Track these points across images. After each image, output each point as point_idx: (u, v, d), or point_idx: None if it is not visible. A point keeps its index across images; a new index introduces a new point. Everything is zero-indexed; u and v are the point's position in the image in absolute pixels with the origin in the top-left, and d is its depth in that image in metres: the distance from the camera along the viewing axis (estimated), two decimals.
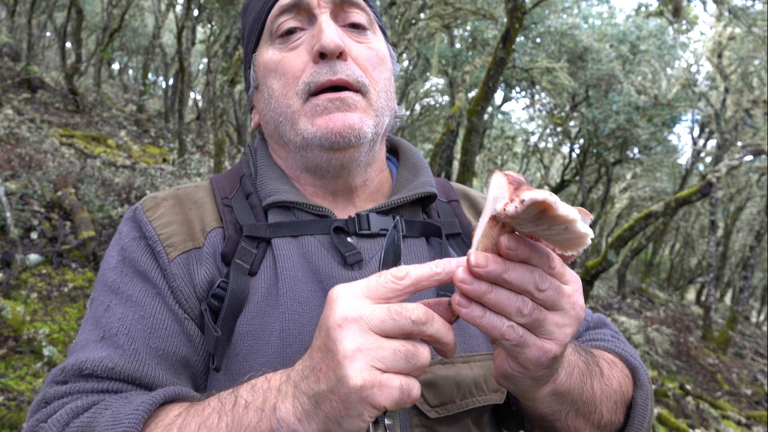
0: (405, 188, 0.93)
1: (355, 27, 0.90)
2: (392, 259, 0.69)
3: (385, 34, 0.97)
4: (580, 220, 0.52)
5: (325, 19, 0.86)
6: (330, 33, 0.83)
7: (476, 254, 0.56)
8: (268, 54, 0.90)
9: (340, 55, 0.84)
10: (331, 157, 0.86)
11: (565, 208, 0.51)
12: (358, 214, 0.88)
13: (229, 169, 0.99)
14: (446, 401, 0.79)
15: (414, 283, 0.57)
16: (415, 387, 0.56)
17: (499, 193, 0.54)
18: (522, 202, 0.50)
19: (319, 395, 0.56)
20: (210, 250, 0.84)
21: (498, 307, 0.56)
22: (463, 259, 0.57)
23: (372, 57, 0.89)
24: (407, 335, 0.56)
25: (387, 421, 0.60)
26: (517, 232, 0.57)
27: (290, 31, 0.89)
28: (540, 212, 0.51)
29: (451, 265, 0.58)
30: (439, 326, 0.57)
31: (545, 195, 0.49)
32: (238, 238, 0.85)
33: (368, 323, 0.55)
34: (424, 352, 0.57)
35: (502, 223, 0.56)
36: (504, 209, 0.51)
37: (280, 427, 0.58)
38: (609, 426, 0.80)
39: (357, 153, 0.87)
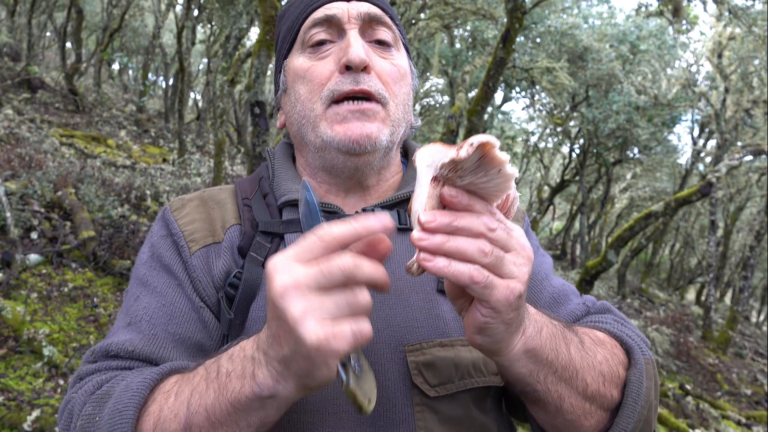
0: (409, 185, 1.00)
1: (381, 43, 0.97)
2: (312, 219, 0.73)
3: (408, 51, 1.04)
4: (509, 161, 0.60)
5: (353, 34, 0.92)
6: (357, 47, 0.90)
7: (424, 213, 0.61)
8: (299, 61, 0.97)
9: (365, 68, 0.91)
10: (347, 159, 0.93)
11: (500, 151, 0.59)
12: (363, 209, 0.96)
13: (252, 174, 1.10)
14: (445, 381, 0.84)
15: (337, 239, 0.61)
16: (365, 326, 0.61)
17: (434, 158, 0.61)
18: (471, 145, 0.57)
19: (286, 358, 0.62)
20: (228, 244, 0.93)
21: (460, 252, 0.61)
22: (382, 215, 0.62)
23: (394, 72, 0.95)
24: (343, 284, 0.61)
25: (357, 367, 0.66)
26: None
27: (320, 42, 0.95)
28: (481, 156, 0.59)
29: (369, 222, 0.62)
30: (369, 269, 0.61)
31: (488, 136, 0.58)
32: (254, 233, 0.94)
33: (306, 285, 0.60)
34: (363, 294, 0.61)
35: (442, 182, 0.63)
36: (457, 154, 0.58)
37: (261, 391, 0.65)
38: (599, 398, 0.80)
39: (372, 158, 0.94)
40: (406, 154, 1.11)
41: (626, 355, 0.86)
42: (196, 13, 13.18)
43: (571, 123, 15.69)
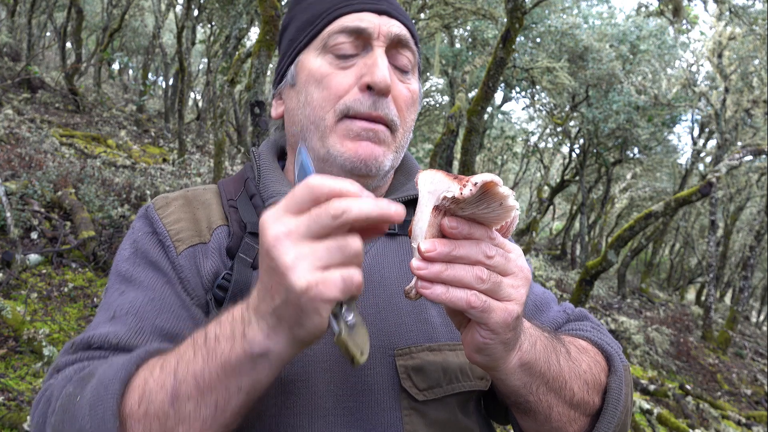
0: (398, 190, 1.01)
1: (400, 68, 0.96)
2: (305, 176, 0.73)
3: (420, 71, 1.04)
4: (511, 195, 0.61)
5: (380, 53, 0.91)
6: (383, 70, 0.88)
7: (423, 242, 0.63)
8: (317, 63, 0.94)
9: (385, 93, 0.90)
10: (347, 177, 0.90)
11: (503, 186, 0.60)
12: None
13: (235, 174, 1.06)
14: (433, 385, 0.85)
15: (326, 186, 0.60)
16: (356, 274, 0.60)
17: (437, 186, 0.62)
18: (475, 184, 0.59)
19: (277, 309, 0.61)
20: (216, 246, 0.91)
21: (457, 280, 0.63)
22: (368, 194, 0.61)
23: (408, 98, 0.95)
24: (336, 230, 0.59)
25: (350, 318, 0.65)
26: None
27: (344, 50, 0.93)
28: (484, 192, 0.60)
29: (354, 189, 0.60)
30: (359, 207, 0.59)
31: (491, 176, 0.59)
32: (242, 234, 0.92)
33: (297, 233, 0.59)
34: (353, 241, 0.60)
35: (444, 211, 0.64)
36: (460, 193, 0.59)
37: (252, 348, 0.63)
38: (583, 406, 0.83)
39: (372, 180, 0.94)
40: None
41: (606, 362, 0.90)
42: (196, 13, 13.18)
43: (571, 123, 15.69)
